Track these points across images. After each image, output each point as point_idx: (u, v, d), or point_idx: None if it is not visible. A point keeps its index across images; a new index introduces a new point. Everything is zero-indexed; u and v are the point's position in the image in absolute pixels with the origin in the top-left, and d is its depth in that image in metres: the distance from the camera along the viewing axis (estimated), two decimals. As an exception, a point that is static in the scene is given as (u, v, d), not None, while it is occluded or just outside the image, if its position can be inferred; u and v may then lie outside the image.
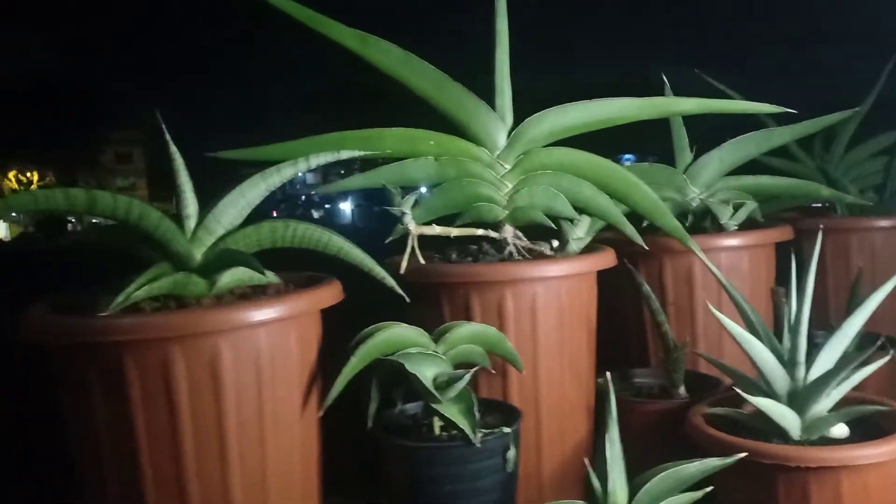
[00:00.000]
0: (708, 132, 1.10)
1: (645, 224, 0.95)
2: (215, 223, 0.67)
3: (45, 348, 0.63)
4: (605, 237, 0.94)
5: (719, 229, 1.01)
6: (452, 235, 0.84)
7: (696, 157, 1.04)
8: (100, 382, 0.60)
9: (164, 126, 0.65)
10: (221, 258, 0.66)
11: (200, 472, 0.61)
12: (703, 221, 1.04)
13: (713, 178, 1.03)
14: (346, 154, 0.74)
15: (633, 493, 0.63)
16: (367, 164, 0.92)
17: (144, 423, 0.60)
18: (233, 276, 0.68)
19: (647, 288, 0.89)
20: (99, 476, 0.63)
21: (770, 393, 0.72)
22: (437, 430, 0.70)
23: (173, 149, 0.66)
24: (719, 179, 1.03)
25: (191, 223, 0.67)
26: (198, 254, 0.67)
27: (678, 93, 1.05)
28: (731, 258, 0.97)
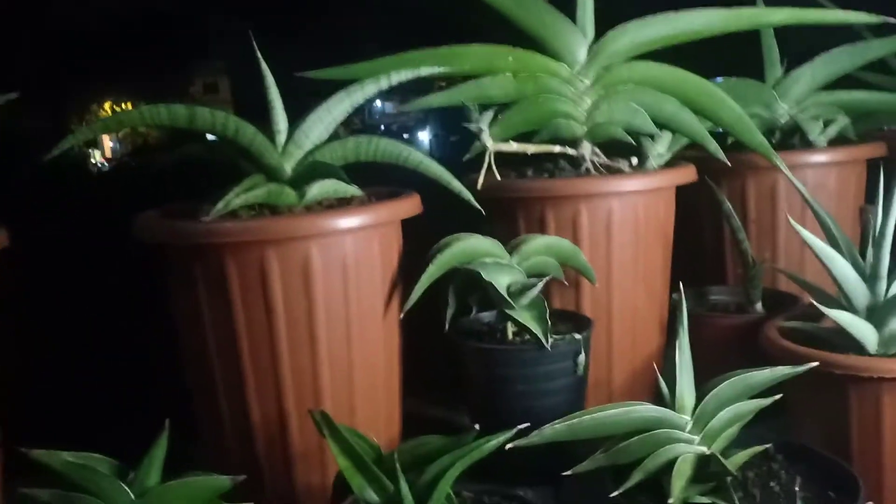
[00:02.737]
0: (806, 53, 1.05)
1: (730, 142, 0.93)
2: (304, 138, 0.71)
3: (158, 249, 0.70)
4: (689, 155, 0.93)
5: (808, 146, 0.98)
6: (530, 152, 0.86)
7: (786, 73, 1.00)
8: (204, 281, 0.67)
9: (254, 43, 0.69)
10: (311, 170, 0.70)
11: (293, 364, 0.67)
12: (791, 139, 1.01)
13: (804, 93, 0.99)
14: (426, 71, 0.76)
15: (700, 397, 0.65)
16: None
17: (244, 318, 0.66)
18: (321, 189, 0.72)
19: (728, 205, 0.88)
20: (204, 366, 0.70)
21: (849, 307, 0.72)
22: (510, 335, 0.74)
23: (264, 66, 0.70)
24: (810, 95, 1.00)
25: (281, 138, 0.71)
26: (288, 167, 0.71)
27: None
28: (818, 175, 0.94)
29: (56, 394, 0.99)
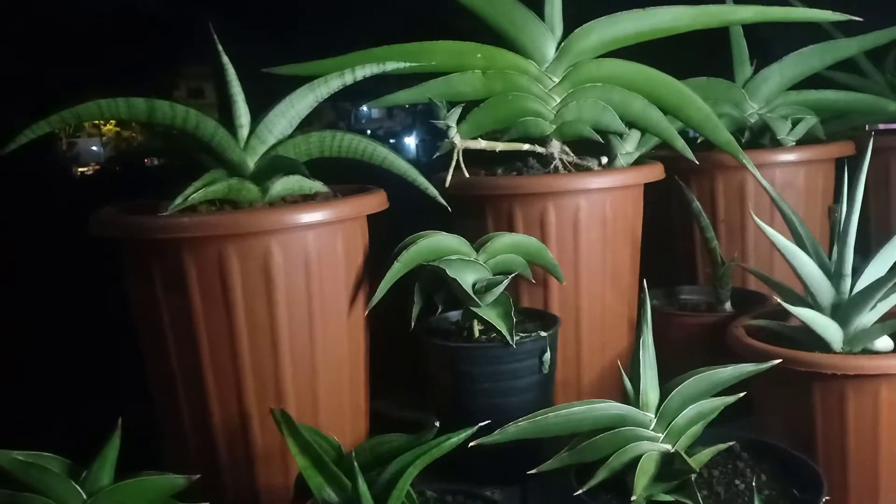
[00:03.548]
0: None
1: (699, 141, 0.93)
2: (267, 133, 0.70)
3: (116, 246, 0.69)
4: (659, 155, 0.93)
5: (777, 146, 0.99)
6: (498, 150, 0.85)
7: (756, 72, 1.00)
8: (162, 277, 0.65)
9: (214, 36, 0.67)
10: (273, 165, 0.69)
11: (254, 362, 0.66)
12: (760, 138, 1.01)
13: (773, 92, 1.00)
14: (391, 66, 0.75)
15: (665, 395, 0.65)
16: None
17: (203, 315, 0.65)
18: (284, 185, 0.71)
19: (697, 204, 0.88)
20: (163, 365, 0.68)
21: (814, 305, 0.72)
22: (476, 334, 0.73)
23: (225, 59, 0.69)
24: (780, 94, 1.00)
25: (244, 132, 0.70)
26: (251, 162, 0.70)
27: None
28: (786, 174, 0.94)
29: (22, 393, 0.97)
